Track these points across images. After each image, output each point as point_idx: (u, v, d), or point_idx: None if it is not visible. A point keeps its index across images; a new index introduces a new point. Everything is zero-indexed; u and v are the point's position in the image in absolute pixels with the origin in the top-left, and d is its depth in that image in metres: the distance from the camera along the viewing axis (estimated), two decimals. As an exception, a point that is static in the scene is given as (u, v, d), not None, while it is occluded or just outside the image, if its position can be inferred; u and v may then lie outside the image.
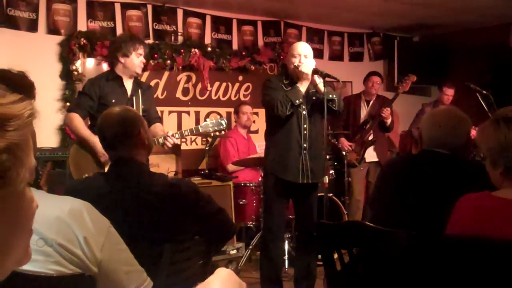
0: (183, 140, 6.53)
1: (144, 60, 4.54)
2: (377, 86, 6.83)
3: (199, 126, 4.55)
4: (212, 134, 4.67)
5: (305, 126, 4.52)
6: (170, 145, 4.35)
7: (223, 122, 4.53)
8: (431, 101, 7.25)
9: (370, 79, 6.86)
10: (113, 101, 4.30)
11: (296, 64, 4.48)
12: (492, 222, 1.99)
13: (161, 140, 4.31)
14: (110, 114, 2.59)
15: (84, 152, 4.30)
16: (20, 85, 0.92)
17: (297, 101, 4.41)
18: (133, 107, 4.28)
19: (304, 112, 4.52)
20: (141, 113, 4.20)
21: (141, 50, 4.47)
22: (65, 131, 5.77)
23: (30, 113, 0.84)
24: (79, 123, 4.35)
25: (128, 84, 4.51)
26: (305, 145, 4.53)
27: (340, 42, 8.30)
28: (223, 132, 4.68)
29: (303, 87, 4.47)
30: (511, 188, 2.05)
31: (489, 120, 2.14)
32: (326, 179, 4.47)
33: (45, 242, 1.57)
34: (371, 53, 8.64)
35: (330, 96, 4.41)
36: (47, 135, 5.64)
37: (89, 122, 4.55)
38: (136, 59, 4.45)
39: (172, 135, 4.33)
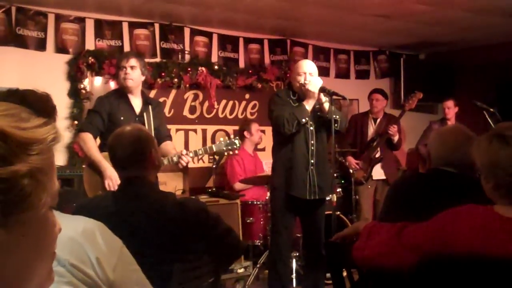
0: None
1: (128, 72, 4.39)
2: (378, 103, 6.80)
3: (213, 145, 4.58)
4: (225, 153, 4.69)
5: (312, 142, 4.54)
6: (184, 164, 4.36)
7: (236, 141, 4.57)
8: (438, 119, 7.25)
9: (370, 96, 6.88)
10: (122, 118, 4.29)
11: (302, 82, 4.50)
12: (488, 238, 2.00)
13: (175, 159, 4.32)
14: (122, 133, 2.59)
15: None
16: (42, 107, 0.94)
17: (303, 120, 4.43)
18: (144, 125, 4.27)
19: (312, 128, 4.54)
20: (153, 132, 4.22)
21: (123, 63, 4.41)
22: (73, 149, 5.79)
23: (54, 137, 0.85)
24: (93, 145, 4.30)
25: (136, 101, 4.50)
26: (312, 161, 4.54)
27: (346, 60, 8.33)
28: (236, 151, 4.71)
29: (309, 105, 4.48)
30: (502, 204, 2.06)
31: (484, 135, 2.16)
32: (334, 197, 4.48)
33: (58, 262, 1.57)
34: (377, 71, 8.67)
35: (334, 116, 4.43)
36: (55, 153, 5.66)
37: (98, 141, 4.56)
38: (120, 73, 4.43)
39: (186, 154, 4.34)
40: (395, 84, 8.73)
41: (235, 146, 4.56)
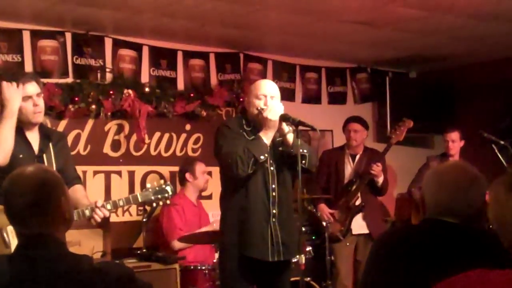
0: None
1: (38, 103, 4.31)
2: (357, 136, 6.88)
3: (138, 194, 4.46)
4: (154, 204, 4.63)
5: (273, 186, 4.55)
6: (99, 220, 4.26)
7: (168, 188, 4.49)
8: (437, 154, 7.33)
9: (347, 127, 6.95)
10: (21, 156, 4.20)
11: (260, 108, 4.52)
12: None
13: (87, 213, 4.22)
14: (22, 175, 2.53)
15: None
16: None
17: (262, 157, 4.43)
18: None
19: (272, 168, 4.56)
20: None
21: (30, 89, 4.29)
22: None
23: None
24: None
25: (33, 136, 4.40)
26: (274, 211, 4.55)
27: (316, 80, 8.42)
28: (168, 201, 4.65)
29: (267, 137, 4.49)
30: None
31: (500, 182, 2.16)
32: (303, 259, 4.47)
33: None
34: (356, 94, 8.78)
35: (300, 150, 4.44)
36: None
37: None
38: (25, 104, 4.28)
39: (103, 206, 4.25)
40: (379, 111, 8.84)
41: (166, 195, 4.48)
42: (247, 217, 4.53)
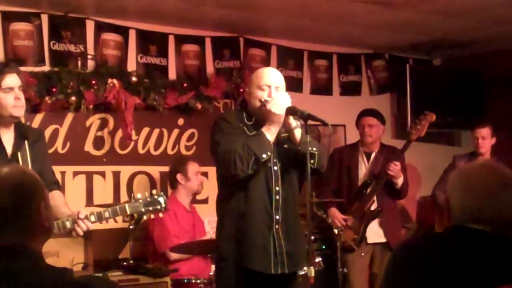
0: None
1: (20, 96, 4.32)
2: (372, 131, 6.86)
3: (126, 206, 4.48)
4: (145, 216, 4.63)
5: (277, 188, 4.55)
6: (81, 233, 4.27)
7: (161, 200, 4.51)
8: (465, 153, 7.32)
9: (361, 121, 6.93)
10: None
11: (263, 99, 4.52)
12: None
13: (68, 224, 4.22)
14: (-3, 177, 2.54)
15: None
16: None
17: (264, 155, 4.42)
18: None
19: (276, 168, 4.56)
20: None
21: (10, 80, 4.31)
22: None
23: None
24: None
25: (7, 136, 4.41)
26: (277, 217, 4.54)
27: (327, 68, 8.43)
28: (161, 214, 4.66)
29: (271, 133, 4.47)
30: None
31: None
32: (312, 271, 4.47)
33: None
34: (372, 84, 8.78)
35: (309, 148, 4.43)
36: None
37: None
38: (5, 97, 4.29)
39: (86, 218, 4.26)
40: (397, 103, 8.84)
41: (159, 207, 4.51)
42: (247, 223, 4.52)
